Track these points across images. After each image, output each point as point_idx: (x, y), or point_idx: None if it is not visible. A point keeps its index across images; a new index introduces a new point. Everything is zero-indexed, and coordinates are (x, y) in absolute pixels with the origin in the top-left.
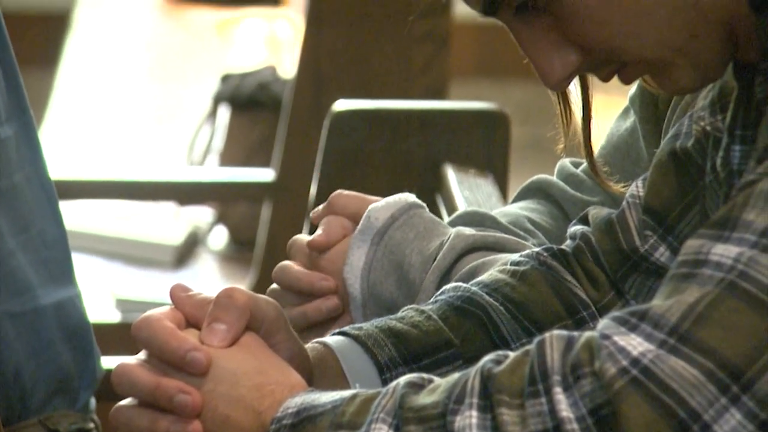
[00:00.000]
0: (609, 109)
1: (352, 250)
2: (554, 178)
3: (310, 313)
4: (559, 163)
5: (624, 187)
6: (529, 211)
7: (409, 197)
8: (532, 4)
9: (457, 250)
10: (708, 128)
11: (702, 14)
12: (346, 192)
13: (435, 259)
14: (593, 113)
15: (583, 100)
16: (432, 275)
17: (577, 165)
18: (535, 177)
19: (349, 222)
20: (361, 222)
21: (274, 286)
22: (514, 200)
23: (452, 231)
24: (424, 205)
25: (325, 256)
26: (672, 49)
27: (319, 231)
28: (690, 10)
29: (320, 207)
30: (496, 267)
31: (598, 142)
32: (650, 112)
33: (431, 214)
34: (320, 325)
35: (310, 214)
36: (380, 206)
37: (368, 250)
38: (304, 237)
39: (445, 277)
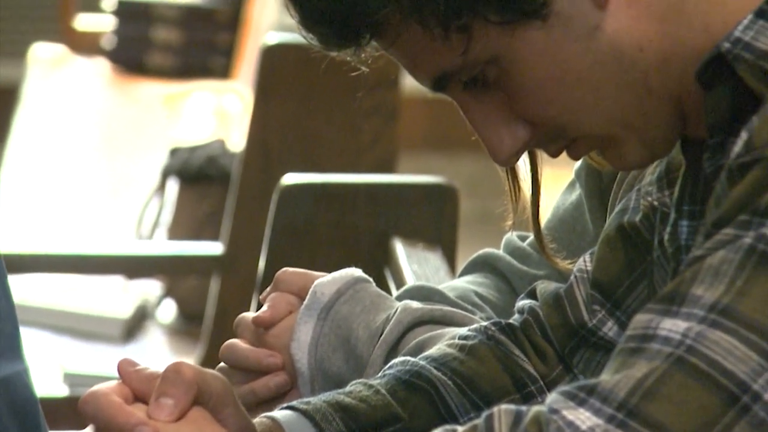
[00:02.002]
0: (557, 182)
1: (299, 326)
2: (501, 252)
3: (259, 390)
4: (505, 237)
5: (570, 263)
6: (477, 285)
7: (355, 272)
8: (481, 80)
9: (404, 324)
10: (655, 203)
11: (650, 91)
12: (291, 269)
13: (382, 333)
14: (542, 188)
15: (532, 175)
16: (379, 349)
17: (523, 239)
18: (482, 251)
19: (295, 298)
20: (308, 297)
21: (222, 364)
22: (461, 274)
23: (399, 305)
24: (370, 279)
25: (272, 332)
26: (621, 125)
27: (264, 307)
28: (638, 86)
29: (268, 289)
30: (444, 341)
31: (545, 216)
32: (595, 185)
33: (377, 288)
34: (269, 402)
35: (260, 297)
36: (326, 281)
37: (315, 325)
38: (250, 314)
39: (392, 351)
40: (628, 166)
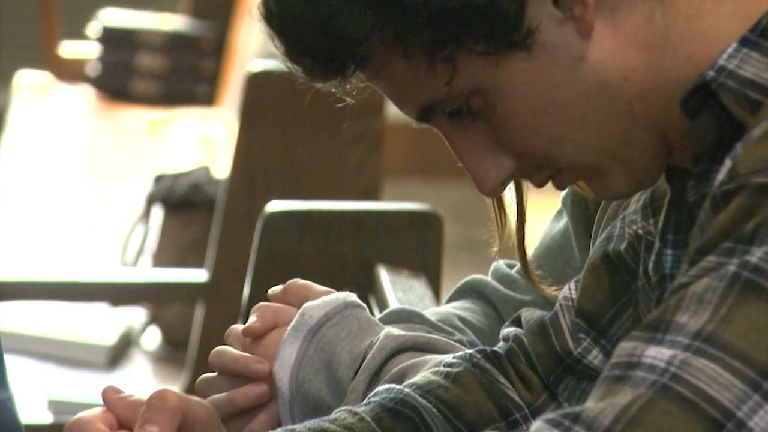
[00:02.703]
0: (542, 210)
1: (284, 346)
2: (488, 278)
3: (238, 399)
4: (493, 265)
5: (556, 290)
6: (462, 310)
7: (348, 297)
8: (465, 110)
9: (387, 350)
10: (640, 232)
11: (635, 120)
12: (301, 281)
13: (364, 358)
14: (527, 215)
15: (517, 203)
16: (361, 375)
17: (511, 266)
18: (469, 277)
19: (294, 310)
20: (295, 319)
21: (206, 375)
22: (448, 300)
23: (383, 331)
24: (363, 305)
25: (261, 342)
26: (606, 155)
27: (252, 318)
28: (623, 116)
29: (278, 287)
30: (429, 368)
31: (531, 243)
32: (581, 212)
33: (368, 315)
34: (247, 412)
35: (268, 292)
36: (315, 304)
37: (300, 346)
38: (240, 326)
39: (374, 378)
40: (613, 196)
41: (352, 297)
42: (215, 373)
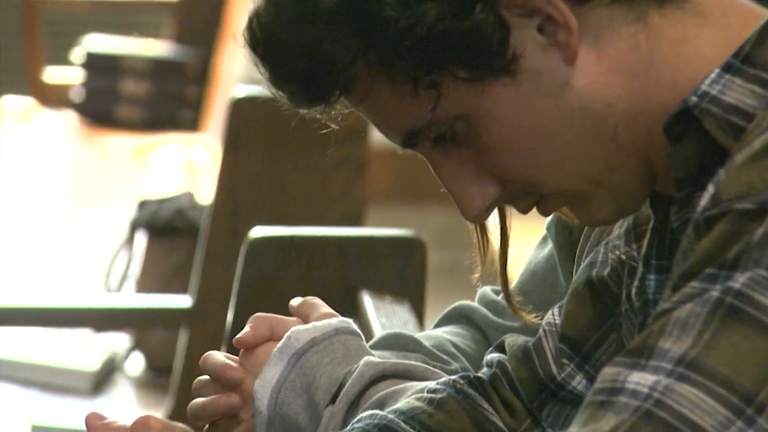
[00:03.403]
0: (526, 236)
1: (268, 367)
2: (476, 304)
3: (209, 407)
4: (480, 291)
5: (536, 316)
6: (453, 335)
7: (341, 323)
8: (450, 136)
9: (366, 378)
10: (623, 257)
11: (619, 146)
12: (316, 299)
13: (341, 384)
14: (510, 241)
15: (501, 230)
16: (340, 403)
17: (498, 293)
18: (458, 303)
19: (293, 321)
20: (282, 341)
21: (202, 377)
22: (437, 325)
23: (363, 359)
24: (357, 332)
25: (254, 352)
26: (590, 180)
27: (247, 328)
28: (607, 142)
29: (299, 299)
30: (412, 394)
31: (514, 269)
32: (565, 238)
33: (359, 342)
34: (230, 421)
35: (289, 303)
36: (303, 329)
37: (283, 369)
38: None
39: (353, 405)
40: (598, 222)
41: (346, 323)
42: None
